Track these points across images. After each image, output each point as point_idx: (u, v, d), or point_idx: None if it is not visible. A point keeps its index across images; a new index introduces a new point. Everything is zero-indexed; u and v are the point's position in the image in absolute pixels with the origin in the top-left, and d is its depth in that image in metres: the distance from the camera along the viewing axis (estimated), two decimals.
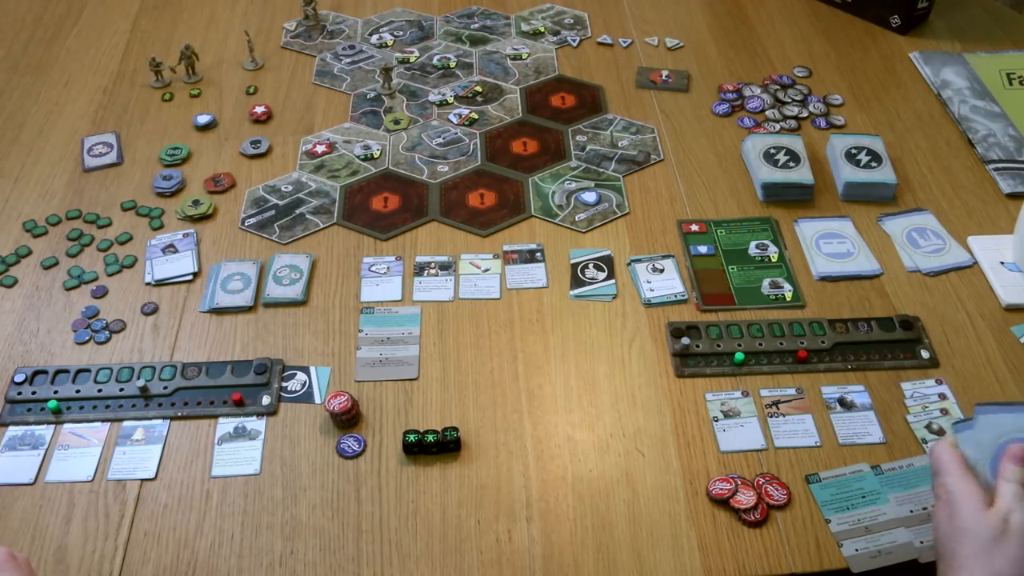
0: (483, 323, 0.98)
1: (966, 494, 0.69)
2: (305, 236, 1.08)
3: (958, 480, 0.71)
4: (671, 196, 1.13)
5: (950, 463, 0.72)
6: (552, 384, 0.92)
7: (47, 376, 0.93)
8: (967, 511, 0.68)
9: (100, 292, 1.02)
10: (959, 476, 0.71)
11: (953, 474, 0.71)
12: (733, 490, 0.82)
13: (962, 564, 0.67)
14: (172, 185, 1.14)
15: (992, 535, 0.67)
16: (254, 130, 1.23)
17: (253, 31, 1.38)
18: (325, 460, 0.86)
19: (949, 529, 0.69)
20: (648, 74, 1.32)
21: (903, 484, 0.83)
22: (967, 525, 0.68)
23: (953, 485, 0.71)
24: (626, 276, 1.03)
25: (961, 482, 0.70)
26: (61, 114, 1.26)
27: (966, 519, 0.68)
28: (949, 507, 0.70)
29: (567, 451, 0.87)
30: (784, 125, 1.23)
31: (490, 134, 1.22)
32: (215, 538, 0.81)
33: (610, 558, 0.79)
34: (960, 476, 0.71)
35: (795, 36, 1.40)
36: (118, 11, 1.46)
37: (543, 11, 1.46)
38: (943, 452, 0.73)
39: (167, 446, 0.88)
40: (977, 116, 1.24)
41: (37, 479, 0.85)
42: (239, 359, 0.95)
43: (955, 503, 0.70)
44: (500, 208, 1.11)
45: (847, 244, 1.06)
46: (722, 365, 0.93)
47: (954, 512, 0.69)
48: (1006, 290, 1.00)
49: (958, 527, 0.69)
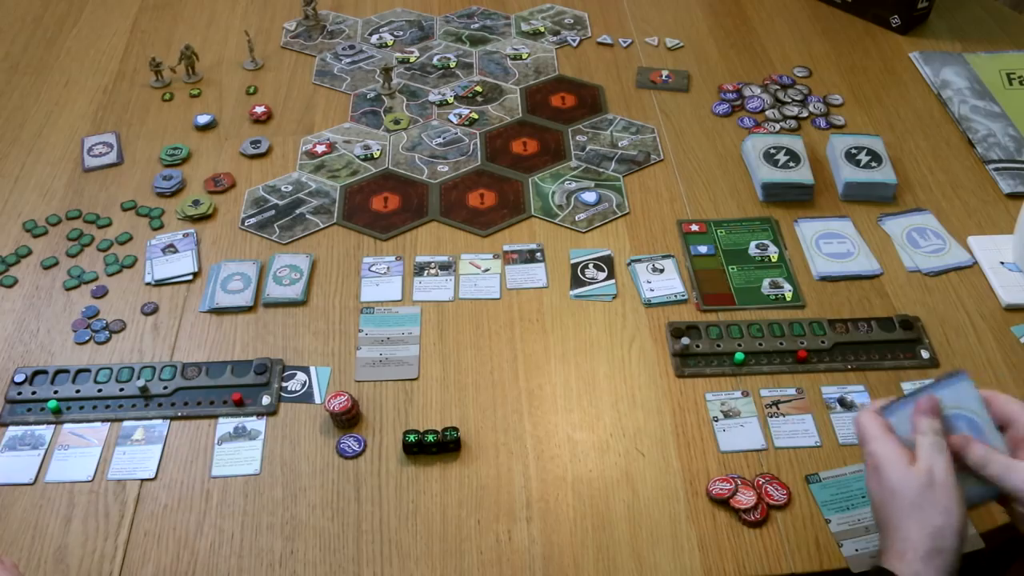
0: (483, 323, 0.98)
1: (890, 457, 0.69)
2: (305, 236, 1.08)
3: (881, 444, 0.70)
4: (671, 196, 1.13)
5: (873, 428, 0.71)
6: (552, 384, 0.92)
7: (47, 376, 0.93)
8: (893, 472, 0.68)
9: (100, 292, 1.02)
10: (882, 440, 0.70)
11: (877, 439, 0.70)
12: (733, 490, 0.82)
13: (896, 525, 0.67)
14: (172, 185, 1.14)
15: (920, 491, 0.66)
16: (254, 130, 1.23)
17: (253, 31, 1.38)
18: (325, 460, 0.86)
19: (880, 494, 0.69)
20: (648, 74, 1.32)
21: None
22: (895, 486, 0.67)
23: (877, 449, 0.70)
24: (626, 276, 1.03)
25: (884, 445, 0.69)
26: (61, 114, 1.26)
27: (893, 480, 0.68)
28: (877, 472, 0.69)
29: (567, 451, 0.87)
30: (784, 125, 1.23)
31: (490, 134, 1.22)
32: (215, 538, 0.81)
33: (610, 558, 0.79)
34: (883, 440, 0.70)
35: (795, 36, 1.40)
36: (118, 11, 1.46)
37: (543, 11, 1.46)
38: (866, 419, 0.72)
39: (167, 446, 0.88)
40: (977, 116, 1.24)
41: (37, 479, 0.85)
42: (239, 359, 0.95)
43: (881, 467, 0.69)
44: (500, 208, 1.11)
45: (847, 244, 1.06)
46: (722, 365, 0.93)
47: (881, 476, 0.69)
48: (1006, 290, 1.00)
49: (888, 490, 0.68)
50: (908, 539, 0.66)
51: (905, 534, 0.66)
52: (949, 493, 0.66)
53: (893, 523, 0.67)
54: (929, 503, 0.66)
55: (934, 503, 0.66)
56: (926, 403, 0.70)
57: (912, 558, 0.65)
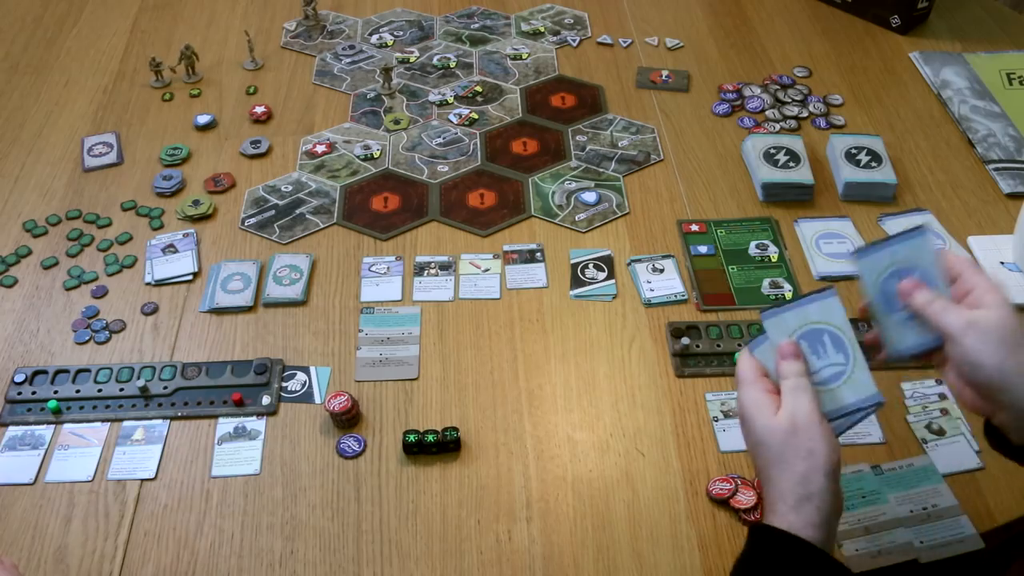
0: (483, 323, 0.98)
1: (757, 404, 0.67)
2: (305, 236, 1.08)
3: (748, 391, 0.68)
4: (671, 196, 1.13)
5: (744, 372, 0.70)
6: (552, 384, 0.92)
7: (47, 376, 0.93)
8: (759, 423, 0.67)
9: (100, 292, 1.02)
10: (750, 386, 0.69)
11: (745, 385, 0.69)
12: (733, 490, 0.82)
13: (767, 476, 0.66)
14: (172, 185, 1.14)
15: (783, 439, 0.65)
16: (254, 130, 1.23)
17: (253, 31, 1.38)
18: (325, 460, 0.86)
19: (750, 444, 0.68)
20: (648, 74, 1.32)
21: (903, 484, 0.83)
22: (761, 437, 0.66)
23: (744, 397, 0.69)
24: (626, 276, 1.03)
25: (751, 392, 0.68)
26: (61, 114, 1.26)
27: (759, 431, 0.67)
28: (745, 422, 0.68)
29: (567, 451, 0.87)
30: (784, 125, 1.23)
31: (490, 134, 1.22)
32: (215, 538, 0.81)
33: (610, 558, 0.79)
34: (751, 386, 0.68)
35: (795, 36, 1.40)
36: (118, 11, 1.46)
37: (543, 11, 1.46)
38: (741, 363, 0.71)
39: (167, 446, 0.88)
40: (977, 116, 1.24)
41: (37, 479, 0.85)
42: (239, 359, 0.95)
43: (747, 416, 0.68)
44: (500, 208, 1.11)
45: (847, 244, 1.06)
46: (722, 365, 0.93)
47: (748, 427, 0.68)
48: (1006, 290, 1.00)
49: (755, 440, 0.67)
50: (778, 490, 0.65)
51: (775, 485, 0.65)
52: (812, 433, 0.65)
53: (764, 474, 0.67)
54: (792, 450, 0.65)
55: (796, 449, 0.65)
56: (788, 348, 0.69)
57: (783, 509, 0.64)
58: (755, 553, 0.66)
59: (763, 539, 0.65)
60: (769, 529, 0.65)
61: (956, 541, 0.79)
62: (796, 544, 0.63)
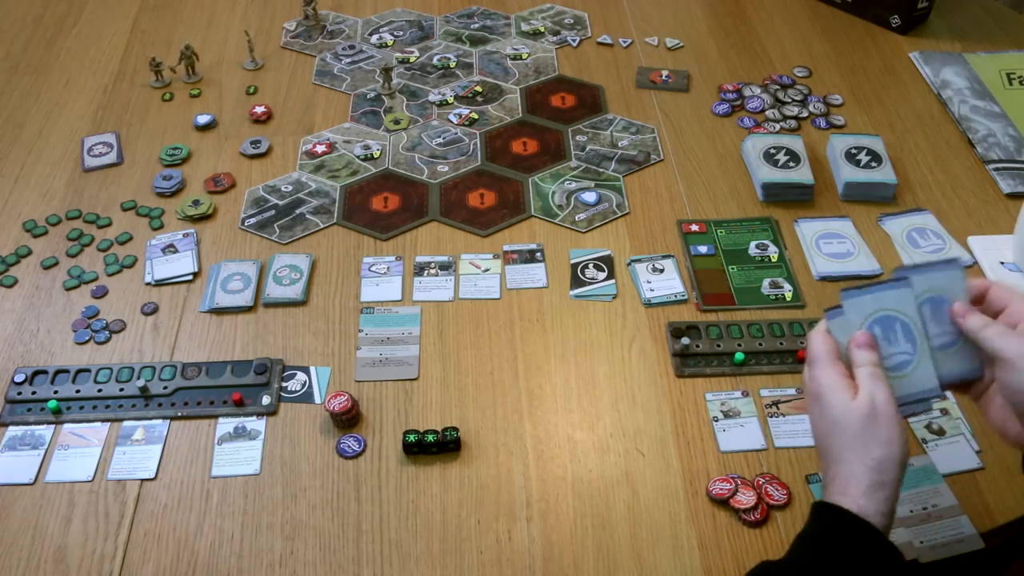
0: (483, 323, 0.98)
1: (834, 386, 0.67)
2: (305, 236, 1.08)
3: (826, 372, 0.68)
4: (671, 196, 1.13)
5: (821, 352, 0.69)
6: (552, 384, 0.92)
7: (47, 376, 0.93)
8: (836, 404, 0.66)
9: (100, 292, 1.02)
10: (828, 367, 0.68)
11: (822, 365, 0.68)
12: (733, 490, 0.82)
13: (838, 458, 0.66)
14: (172, 185, 1.14)
15: (862, 423, 0.65)
16: (254, 130, 1.23)
17: (253, 31, 1.38)
18: (325, 460, 0.86)
19: (822, 425, 0.68)
20: (648, 74, 1.32)
21: (903, 484, 0.82)
22: (838, 418, 0.66)
23: (822, 377, 0.68)
24: (626, 276, 1.03)
25: (829, 374, 0.68)
26: (61, 114, 1.26)
27: (836, 412, 0.66)
28: (820, 401, 0.68)
29: (567, 451, 0.87)
30: (784, 125, 1.23)
31: (490, 134, 1.22)
32: (215, 538, 0.81)
33: (610, 558, 0.79)
34: (829, 367, 0.68)
35: (795, 36, 1.40)
36: (118, 11, 1.46)
37: (543, 11, 1.46)
38: (816, 341, 0.70)
39: (167, 446, 0.88)
40: (977, 116, 1.24)
41: (37, 479, 0.85)
42: (239, 359, 0.95)
43: (823, 396, 0.67)
44: (500, 208, 1.11)
45: (847, 244, 1.06)
46: (722, 365, 0.93)
47: (824, 407, 0.67)
48: None
49: (831, 421, 0.67)
50: (851, 473, 0.65)
51: (848, 468, 0.65)
52: (891, 423, 0.65)
53: (835, 455, 0.66)
54: (871, 435, 0.65)
55: (875, 435, 0.65)
56: (863, 338, 0.69)
57: (855, 492, 0.64)
58: (824, 531, 0.65)
59: (834, 519, 0.65)
60: (841, 511, 0.64)
61: (956, 541, 0.79)
62: (866, 530, 0.63)
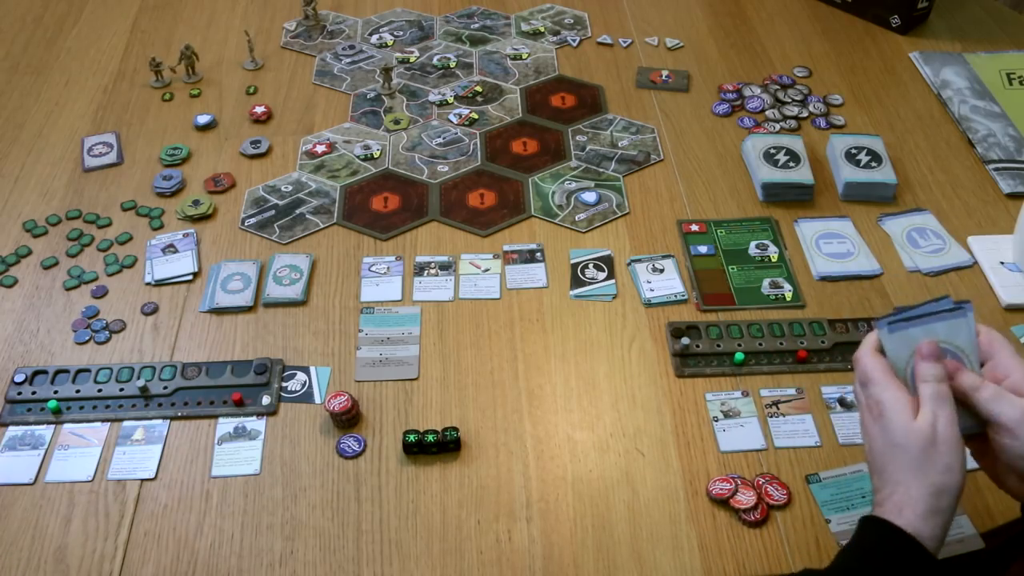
0: (483, 323, 0.98)
1: (897, 406, 0.66)
2: (305, 236, 1.08)
3: (886, 389, 0.67)
4: (671, 196, 1.13)
5: (877, 371, 0.68)
6: (552, 384, 0.92)
7: (47, 376, 0.93)
8: (898, 424, 0.65)
9: (100, 292, 1.02)
10: (888, 385, 0.67)
11: (881, 383, 0.67)
12: (733, 490, 0.82)
13: (897, 479, 0.65)
14: (172, 185, 1.14)
15: (923, 447, 0.64)
16: (254, 130, 1.23)
17: (253, 31, 1.38)
18: (325, 460, 0.86)
19: (883, 444, 0.67)
20: (648, 74, 1.32)
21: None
22: (899, 440, 0.65)
23: (882, 395, 0.67)
24: (626, 276, 1.03)
25: (890, 391, 0.67)
26: (61, 114, 1.26)
27: (897, 434, 0.65)
28: (881, 420, 0.67)
29: (567, 451, 0.87)
30: (784, 125, 1.23)
31: (490, 134, 1.22)
32: (215, 538, 0.81)
33: (610, 558, 0.79)
34: (889, 385, 0.67)
35: (795, 36, 1.40)
36: (118, 11, 1.46)
37: (543, 11, 1.46)
38: (869, 362, 0.69)
39: (167, 446, 0.88)
40: (977, 116, 1.24)
41: (37, 479, 0.85)
42: (239, 359, 0.95)
43: (886, 415, 0.66)
44: (500, 208, 1.11)
45: (847, 244, 1.06)
46: (722, 365, 0.93)
47: (886, 426, 0.66)
48: (1006, 290, 1.00)
49: (891, 442, 0.66)
50: (908, 495, 0.64)
51: (906, 489, 0.64)
52: (952, 450, 0.64)
53: (892, 475, 0.66)
54: (932, 461, 0.64)
55: (936, 461, 0.64)
56: (928, 348, 0.68)
57: (911, 515, 0.64)
58: (875, 547, 0.65)
59: (887, 536, 0.64)
60: (895, 528, 0.64)
61: (956, 541, 0.79)
62: (919, 552, 0.63)
